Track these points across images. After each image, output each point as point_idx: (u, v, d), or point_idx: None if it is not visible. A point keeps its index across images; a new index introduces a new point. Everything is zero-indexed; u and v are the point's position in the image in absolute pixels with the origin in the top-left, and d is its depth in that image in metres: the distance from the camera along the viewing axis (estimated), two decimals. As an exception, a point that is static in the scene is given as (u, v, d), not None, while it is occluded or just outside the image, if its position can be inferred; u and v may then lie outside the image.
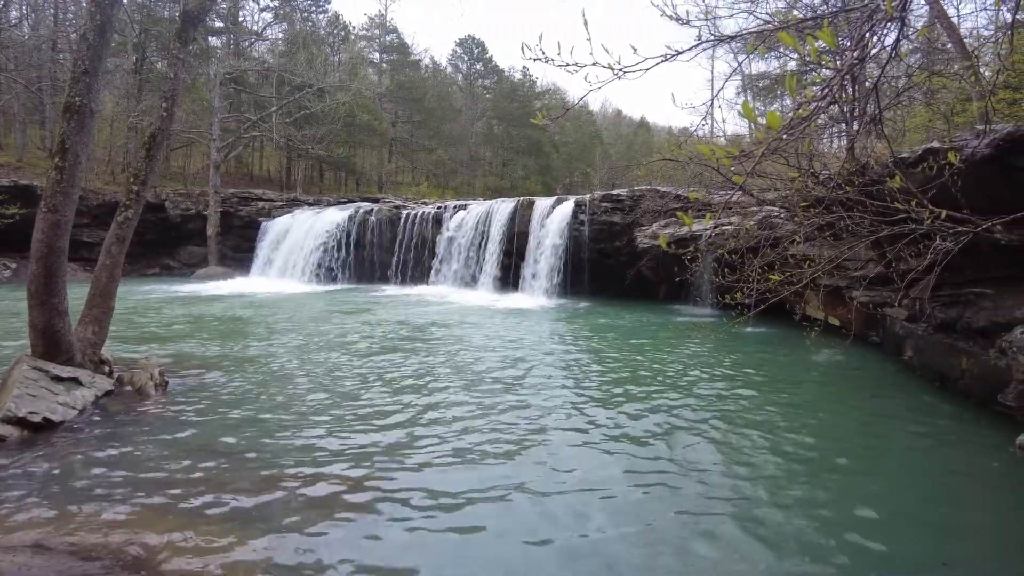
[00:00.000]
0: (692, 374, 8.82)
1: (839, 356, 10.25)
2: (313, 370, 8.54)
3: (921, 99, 12.55)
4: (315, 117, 31.92)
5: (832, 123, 9.62)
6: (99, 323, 7.51)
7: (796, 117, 2.25)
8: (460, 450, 5.54)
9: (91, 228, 23.95)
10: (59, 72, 26.97)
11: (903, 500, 4.70)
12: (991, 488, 5.03)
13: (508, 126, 46.87)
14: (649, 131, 61.29)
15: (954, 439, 6.20)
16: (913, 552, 3.93)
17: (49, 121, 27.55)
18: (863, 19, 2.35)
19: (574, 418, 6.59)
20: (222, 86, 29.13)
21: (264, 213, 26.88)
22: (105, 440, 5.54)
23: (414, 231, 23.27)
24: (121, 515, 4.09)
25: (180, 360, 8.88)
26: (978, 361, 6.92)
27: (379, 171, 43.00)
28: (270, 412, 6.53)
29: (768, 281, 5.10)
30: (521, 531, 4.08)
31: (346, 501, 4.44)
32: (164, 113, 7.94)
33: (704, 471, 5.17)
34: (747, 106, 1.86)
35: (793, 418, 6.76)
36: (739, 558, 3.80)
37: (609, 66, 2.37)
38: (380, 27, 45.32)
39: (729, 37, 2.65)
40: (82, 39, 6.80)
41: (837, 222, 6.69)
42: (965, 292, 7.40)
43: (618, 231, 19.13)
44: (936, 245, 4.38)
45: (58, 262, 6.68)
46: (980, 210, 4.68)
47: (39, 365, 6.43)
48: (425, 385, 7.84)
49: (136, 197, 7.66)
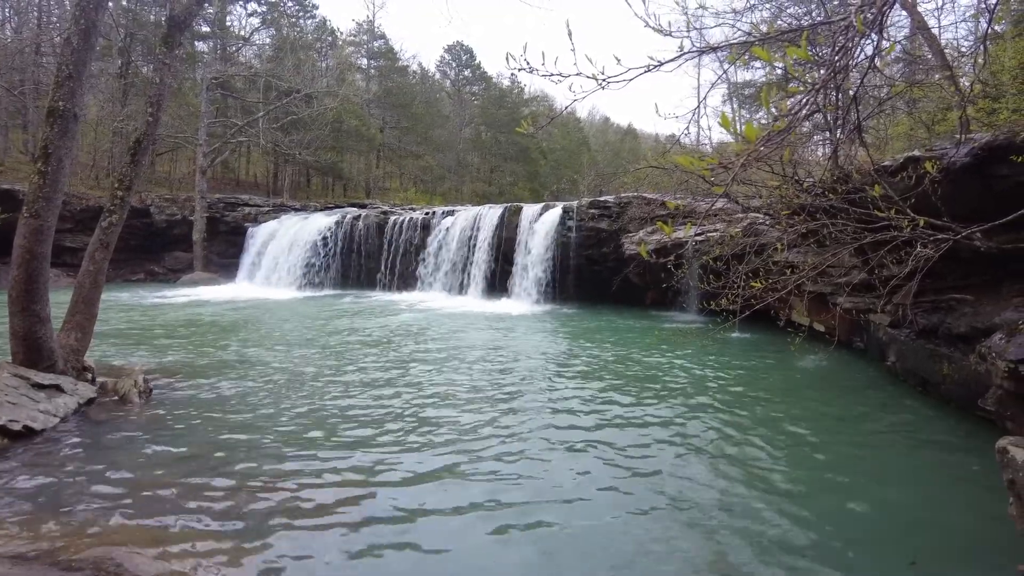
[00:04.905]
0: (678, 380, 8.87)
1: (823, 362, 10.34)
2: (298, 377, 8.49)
3: (903, 108, 12.74)
4: (302, 122, 31.78)
5: (816, 131, 9.75)
6: (82, 330, 7.42)
7: (774, 129, 2.29)
8: (448, 457, 5.53)
9: (74, 233, 23.66)
10: (42, 76, 26.65)
11: (880, 502, 4.76)
12: (969, 491, 5.09)
13: (496, 132, 46.95)
14: (636, 138, 61.68)
15: (935, 443, 6.29)
16: (885, 552, 4.00)
17: (32, 125, 27.20)
18: (840, 32, 2.40)
19: (560, 426, 6.60)
20: (209, 91, 28.95)
21: (251, 219, 26.71)
22: (87, 448, 5.47)
23: (402, 237, 23.22)
24: (103, 525, 4.04)
25: (164, 367, 8.80)
26: (959, 366, 7.01)
27: (367, 177, 42.87)
28: (255, 420, 6.48)
29: (753, 287, 5.15)
30: (506, 534, 4.08)
31: (332, 510, 4.42)
32: (150, 118, 7.88)
33: (687, 477, 5.20)
34: (725, 118, 1.89)
35: (777, 422, 6.81)
36: (713, 556, 3.83)
37: (593, 76, 2.39)
38: (368, 33, 45.28)
39: (711, 48, 2.69)
40: (66, 43, 6.75)
41: (821, 229, 6.77)
42: (946, 298, 7.50)
43: (605, 237, 19.22)
44: (917, 252, 4.44)
45: (40, 268, 6.61)
46: (960, 217, 4.77)
47: (20, 372, 6.35)
48: (412, 392, 7.82)
49: (121, 202, 7.59)
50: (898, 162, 6.83)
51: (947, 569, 3.91)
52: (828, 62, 2.43)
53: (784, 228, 7.96)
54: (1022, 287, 6.64)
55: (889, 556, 3.94)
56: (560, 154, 51.63)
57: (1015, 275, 6.76)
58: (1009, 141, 5.91)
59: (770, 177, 8.64)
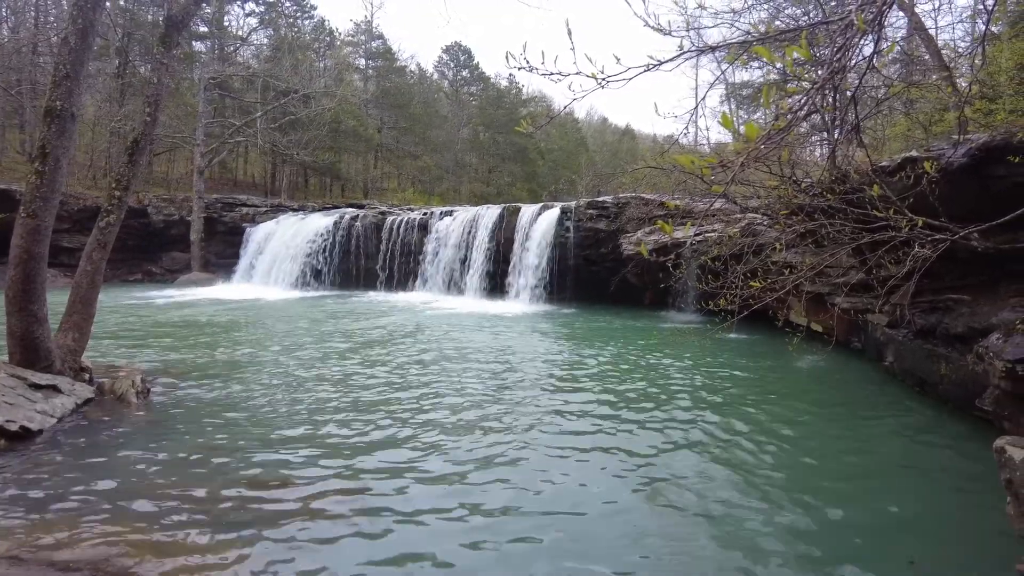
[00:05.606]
0: (675, 381, 8.87)
1: (821, 362, 10.36)
2: (296, 377, 8.47)
3: (901, 108, 12.77)
4: (300, 122, 31.77)
5: (814, 132, 9.77)
6: (79, 330, 7.40)
7: (774, 128, 2.29)
8: (445, 458, 5.52)
9: (72, 233, 23.62)
10: (40, 76, 26.60)
11: (878, 502, 4.77)
12: (966, 490, 5.10)
13: (494, 133, 46.92)
14: (634, 138, 61.67)
15: (932, 443, 6.30)
16: (884, 550, 4.00)
17: (29, 125, 27.15)
18: (839, 31, 2.40)
19: (557, 426, 6.60)
20: (207, 91, 28.91)
21: (248, 219, 26.68)
22: (85, 449, 5.46)
23: (400, 237, 23.21)
24: (100, 526, 4.02)
25: (162, 367, 8.78)
26: (956, 366, 7.02)
27: (365, 177, 42.83)
28: (253, 420, 6.47)
29: (751, 288, 5.16)
30: (506, 535, 4.08)
31: (330, 511, 4.41)
32: (147, 118, 7.87)
33: (685, 477, 5.20)
34: (726, 117, 1.89)
35: (775, 423, 6.81)
36: (712, 556, 3.83)
37: (592, 75, 2.39)
38: (366, 33, 45.24)
39: (710, 48, 2.69)
40: (63, 42, 6.74)
41: (819, 229, 6.78)
42: (944, 298, 7.52)
43: (603, 238, 19.23)
44: (915, 252, 4.44)
45: (37, 268, 6.59)
46: (958, 218, 4.77)
47: (17, 372, 6.33)
48: (409, 392, 7.81)
49: (118, 202, 7.58)
50: (896, 162, 6.84)
51: (945, 568, 3.92)
52: (827, 62, 2.43)
53: (782, 228, 7.97)
54: (1019, 287, 6.65)
55: (888, 555, 3.95)
56: (558, 154, 51.61)
57: (1012, 275, 6.77)
58: (1006, 142, 5.92)
59: (768, 177, 8.65)
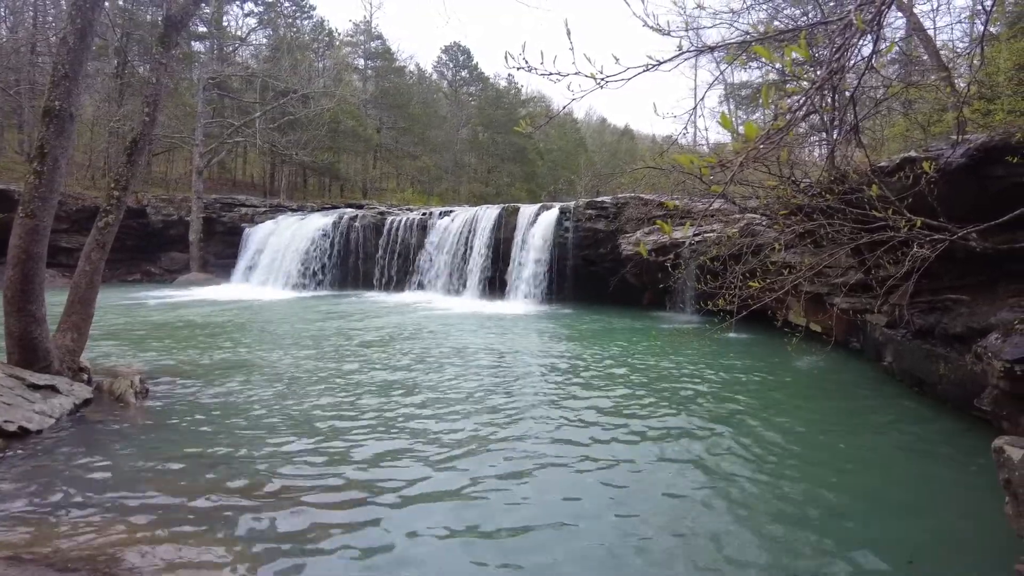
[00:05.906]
0: (674, 381, 8.87)
1: (820, 362, 10.37)
2: (295, 378, 8.47)
3: (900, 109, 12.78)
4: (299, 123, 31.75)
5: (813, 132, 9.77)
6: (78, 330, 7.40)
7: (773, 128, 2.29)
8: (444, 460, 5.52)
9: (70, 234, 23.60)
10: (38, 76, 26.58)
11: (877, 501, 4.77)
12: (965, 490, 5.11)
13: (493, 133, 46.92)
14: (633, 139, 61.66)
15: (931, 443, 6.30)
16: (883, 551, 4.00)
17: (27, 125, 27.12)
18: (838, 32, 2.40)
19: (557, 427, 6.59)
20: (205, 91, 28.89)
21: (247, 219, 26.68)
22: (83, 449, 5.45)
23: (399, 237, 23.22)
24: (99, 526, 4.02)
25: (161, 367, 8.77)
26: (955, 366, 7.03)
27: (364, 177, 42.83)
28: (251, 420, 6.46)
29: (750, 288, 5.16)
30: (506, 535, 4.08)
31: (329, 512, 4.40)
32: (146, 118, 7.87)
33: (683, 477, 5.21)
34: (725, 117, 1.89)
35: (773, 423, 6.82)
36: (711, 555, 3.83)
37: (591, 75, 2.39)
38: (365, 33, 45.23)
39: (709, 48, 2.69)
40: (62, 43, 6.74)
41: (818, 229, 6.77)
42: (942, 298, 7.52)
43: (602, 238, 19.24)
44: (914, 252, 4.45)
45: (36, 268, 6.58)
46: (956, 218, 4.78)
47: (15, 373, 6.32)
48: (409, 392, 7.81)
49: (117, 202, 7.57)
50: (895, 163, 6.84)
51: (944, 568, 3.92)
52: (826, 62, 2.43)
53: (781, 228, 7.97)
54: (1018, 287, 6.66)
55: (887, 555, 3.95)
56: (557, 155, 51.62)
57: (1011, 275, 6.78)
58: (1004, 142, 5.93)
59: (767, 178, 8.65)
